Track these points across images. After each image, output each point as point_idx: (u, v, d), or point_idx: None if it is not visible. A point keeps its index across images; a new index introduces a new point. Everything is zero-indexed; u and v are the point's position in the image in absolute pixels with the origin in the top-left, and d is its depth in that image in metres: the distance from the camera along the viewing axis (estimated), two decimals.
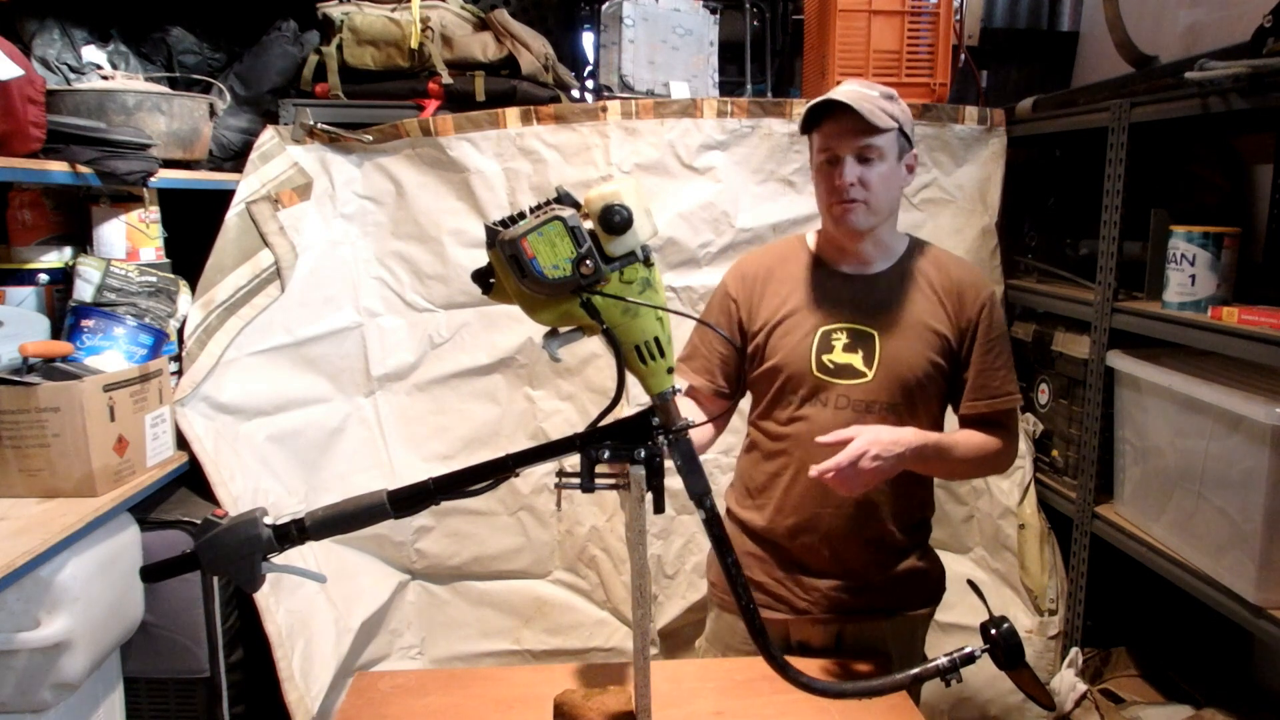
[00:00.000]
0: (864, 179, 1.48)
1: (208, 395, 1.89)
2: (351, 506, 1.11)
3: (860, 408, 1.52)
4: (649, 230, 1.07)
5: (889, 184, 1.51)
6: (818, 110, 1.50)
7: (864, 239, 1.55)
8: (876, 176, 1.49)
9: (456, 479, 1.13)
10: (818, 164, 1.54)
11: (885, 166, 1.50)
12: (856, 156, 1.48)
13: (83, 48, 2.18)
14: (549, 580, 2.40)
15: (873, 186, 1.49)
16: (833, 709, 1.39)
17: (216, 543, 1.07)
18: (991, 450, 1.55)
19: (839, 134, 1.49)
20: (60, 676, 1.46)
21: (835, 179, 1.49)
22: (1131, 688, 2.05)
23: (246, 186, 2.04)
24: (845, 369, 1.53)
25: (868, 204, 1.49)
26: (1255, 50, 1.59)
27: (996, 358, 1.56)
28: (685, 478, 1.13)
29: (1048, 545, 2.19)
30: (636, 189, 1.06)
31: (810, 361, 1.53)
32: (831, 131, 1.50)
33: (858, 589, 1.59)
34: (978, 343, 1.55)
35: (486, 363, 2.29)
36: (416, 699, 1.43)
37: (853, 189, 1.48)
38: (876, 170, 1.49)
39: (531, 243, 1.02)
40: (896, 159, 1.52)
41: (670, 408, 1.12)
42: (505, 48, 2.31)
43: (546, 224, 1.02)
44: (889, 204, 1.53)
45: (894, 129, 1.49)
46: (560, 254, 1.03)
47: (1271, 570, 1.55)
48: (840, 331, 1.54)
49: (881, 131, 1.47)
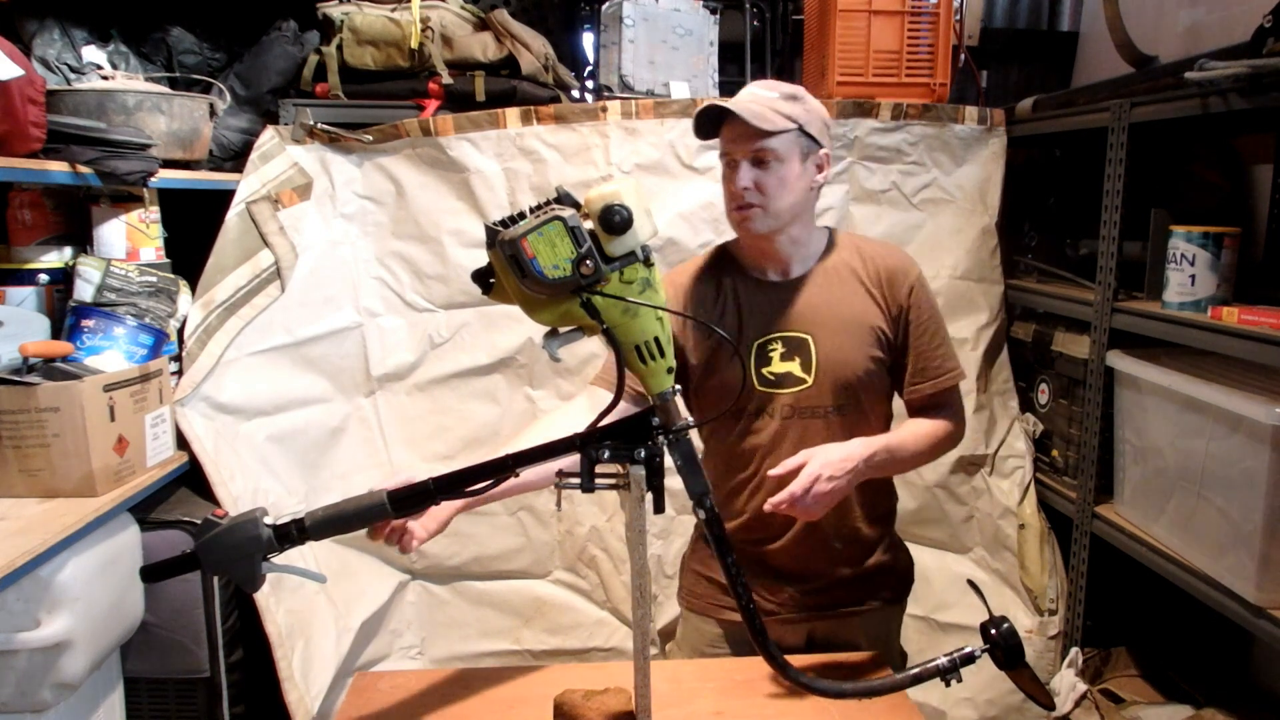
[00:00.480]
0: (760, 183, 1.45)
1: (208, 395, 1.89)
2: (352, 506, 1.11)
3: (807, 414, 1.52)
4: (649, 230, 1.07)
5: (789, 187, 1.47)
6: (709, 117, 1.47)
7: (772, 243, 1.52)
8: (773, 180, 1.45)
9: (457, 479, 1.13)
10: (722, 169, 1.52)
11: (784, 169, 1.46)
12: (751, 160, 1.45)
13: (83, 48, 2.18)
14: (549, 580, 2.39)
15: (769, 190, 1.46)
16: (833, 709, 1.39)
17: (216, 543, 1.07)
18: (942, 434, 1.55)
19: (732, 138, 1.47)
20: (60, 676, 1.46)
21: (731, 184, 1.48)
22: (1131, 688, 2.05)
23: (246, 186, 2.04)
24: (786, 378, 1.52)
25: (764, 208, 1.46)
26: (1255, 50, 1.59)
27: (932, 338, 1.55)
28: (685, 478, 1.14)
29: (1048, 545, 2.19)
30: (636, 189, 1.06)
31: (750, 377, 1.52)
32: (726, 136, 1.48)
33: (826, 588, 1.59)
34: (912, 326, 1.54)
35: (486, 363, 2.29)
36: (416, 699, 1.43)
37: (747, 193, 1.46)
38: (774, 174, 1.45)
39: (532, 243, 1.02)
40: (800, 160, 1.48)
41: (670, 407, 1.12)
42: (505, 48, 2.31)
43: (547, 224, 1.02)
44: (791, 207, 1.49)
45: (790, 130, 1.45)
46: (560, 254, 1.03)
47: (1271, 570, 1.55)
48: (775, 342, 1.53)
49: (773, 134, 1.44)
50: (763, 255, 1.56)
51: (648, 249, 1.07)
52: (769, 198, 1.46)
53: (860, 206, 2.35)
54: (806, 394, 1.51)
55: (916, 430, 1.53)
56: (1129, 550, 1.92)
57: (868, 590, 1.62)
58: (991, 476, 2.32)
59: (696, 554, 1.70)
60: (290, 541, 1.09)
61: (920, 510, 2.37)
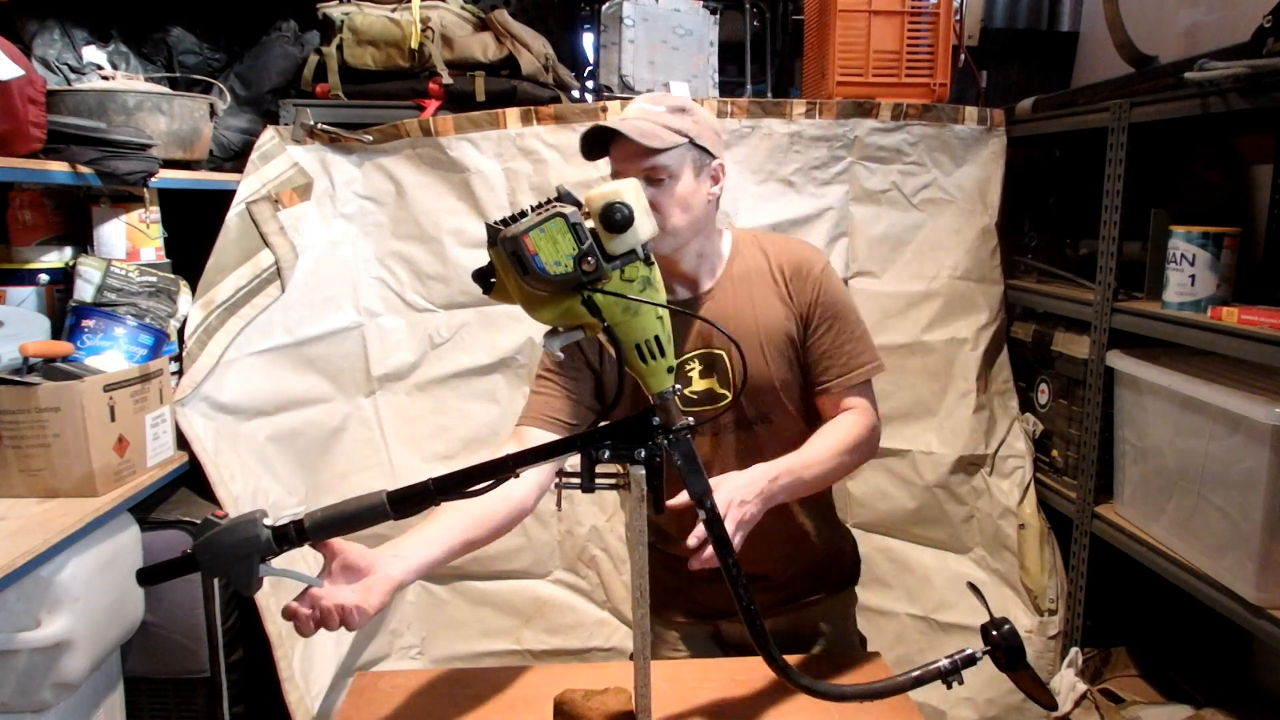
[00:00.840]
0: (655, 202, 1.40)
1: (208, 395, 1.89)
2: (352, 507, 1.10)
3: (733, 428, 1.51)
4: (649, 229, 1.07)
5: (684, 203, 1.43)
6: (595, 136, 1.43)
7: (677, 261, 1.49)
8: (668, 198, 1.42)
9: (456, 479, 1.13)
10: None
11: (678, 185, 1.42)
12: (645, 179, 1.40)
13: (83, 48, 2.19)
14: (549, 580, 2.39)
15: (665, 209, 1.41)
16: (832, 709, 1.39)
17: (214, 544, 1.04)
18: (854, 439, 1.45)
19: (622, 158, 1.42)
20: (60, 676, 1.46)
21: None
22: (1131, 688, 2.05)
23: (247, 186, 2.04)
24: (706, 395, 1.51)
25: (663, 229, 1.39)
26: (1255, 50, 1.59)
27: (840, 332, 1.50)
28: (685, 477, 1.14)
29: (1048, 545, 2.19)
30: (637, 189, 1.06)
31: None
32: (616, 156, 1.43)
33: (776, 586, 1.60)
34: (817, 319, 1.50)
35: (486, 363, 2.29)
36: (416, 699, 1.43)
37: None
38: (667, 191, 1.42)
39: (533, 239, 1.02)
40: (694, 174, 1.44)
41: (670, 407, 1.12)
42: (505, 48, 2.31)
43: (548, 220, 1.02)
44: (691, 223, 1.45)
45: (680, 145, 1.41)
46: (562, 250, 1.02)
47: (1271, 570, 1.55)
48: (691, 360, 1.51)
49: (662, 151, 1.40)
50: (669, 274, 1.50)
51: (648, 248, 1.07)
52: (666, 217, 1.41)
53: (860, 206, 2.35)
54: (730, 409, 1.50)
55: (823, 440, 1.44)
56: (1129, 550, 1.92)
57: (816, 581, 1.63)
58: (991, 476, 2.32)
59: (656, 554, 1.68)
60: (289, 543, 1.07)
61: (920, 510, 2.37)
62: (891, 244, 2.36)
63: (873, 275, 2.38)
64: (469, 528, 1.31)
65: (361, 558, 1.15)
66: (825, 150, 2.30)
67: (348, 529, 1.10)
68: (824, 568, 1.64)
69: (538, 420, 1.48)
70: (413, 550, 1.23)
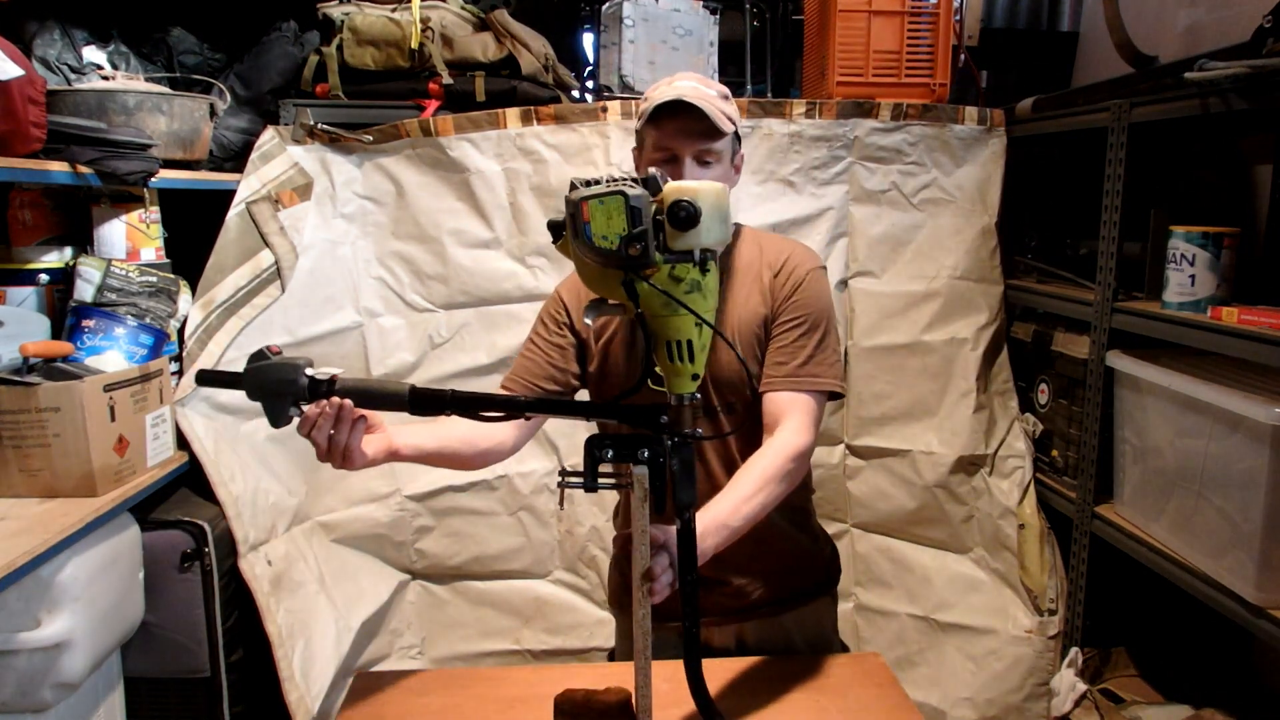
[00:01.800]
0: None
1: (208, 395, 1.89)
2: (378, 387, 1.19)
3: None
4: (717, 236, 1.07)
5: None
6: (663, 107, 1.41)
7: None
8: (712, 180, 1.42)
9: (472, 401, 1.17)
10: (649, 162, 1.46)
11: (720, 170, 1.44)
12: (695, 159, 1.42)
13: (83, 48, 2.18)
14: (549, 580, 2.39)
15: None
16: (832, 709, 1.39)
17: (261, 373, 1.15)
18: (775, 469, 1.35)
19: (681, 134, 1.41)
20: (61, 676, 1.46)
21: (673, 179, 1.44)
22: (1131, 688, 2.05)
23: (247, 186, 2.04)
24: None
25: None
26: (1255, 50, 1.59)
27: (803, 338, 1.45)
28: (677, 484, 1.13)
29: (1047, 545, 2.19)
30: (719, 195, 1.07)
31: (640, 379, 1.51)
32: (672, 130, 1.41)
33: (746, 589, 1.56)
34: (785, 316, 1.46)
35: (486, 363, 2.29)
36: (416, 699, 1.43)
37: None
38: (712, 173, 1.43)
39: (591, 208, 1.04)
40: (730, 162, 1.47)
41: (684, 411, 1.12)
42: (505, 48, 2.31)
43: (610, 195, 1.04)
44: None
45: (731, 132, 1.44)
46: (613, 227, 1.04)
47: (1271, 570, 1.55)
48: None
49: (723, 135, 1.42)
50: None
51: (708, 255, 1.07)
52: None
53: (860, 207, 2.35)
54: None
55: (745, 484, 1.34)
56: (1129, 550, 1.92)
57: (790, 586, 1.59)
58: (991, 476, 2.32)
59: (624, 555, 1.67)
60: (320, 395, 1.17)
61: (920, 510, 2.37)
62: (891, 244, 2.36)
63: (873, 275, 2.38)
64: (460, 442, 1.43)
65: (373, 417, 1.28)
66: (825, 150, 2.30)
67: (369, 404, 1.20)
68: (792, 573, 1.58)
69: (521, 386, 1.52)
70: (412, 434, 1.36)
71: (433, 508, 2.30)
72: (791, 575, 1.59)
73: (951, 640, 2.32)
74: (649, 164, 1.46)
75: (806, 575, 1.62)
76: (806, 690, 1.44)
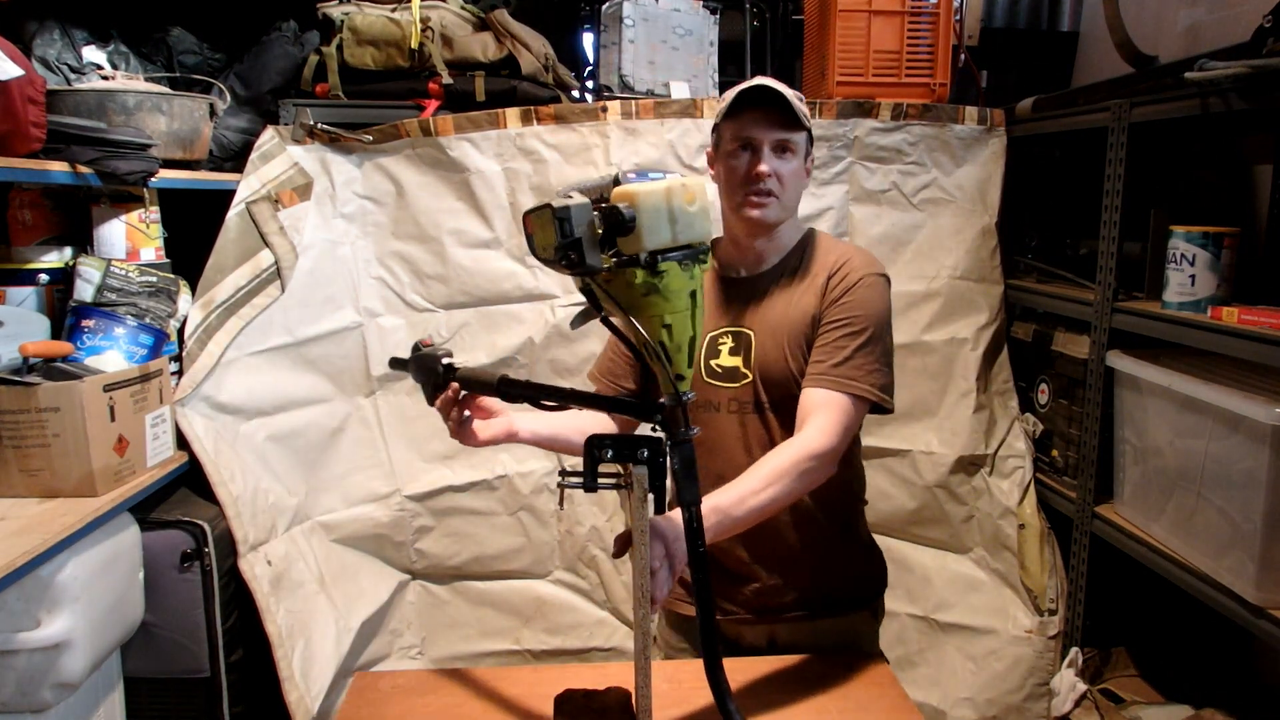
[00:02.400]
0: (779, 172, 1.46)
1: (208, 395, 1.89)
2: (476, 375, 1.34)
3: (746, 409, 1.52)
4: (664, 237, 1.06)
5: (798, 181, 1.50)
6: (744, 97, 1.46)
7: (766, 235, 1.52)
8: (789, 172, 1.48)
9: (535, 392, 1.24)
10: (727, 152, 1.50)
11: (796, 164, 1.49)
12: (774, 148, 1.46)
13: (83, 48, 2.18)
14: (549, 580, 2.39)
15: (786, 181, 1.47)
16: (832, 709, 1.39)
17: (418, 362, 1.38)
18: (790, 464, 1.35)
19: (762, 123, 1.46)
20: (60, 676, 1.46)
21: (752, 167, 1.46)
22: (1131, 688, 2.05)
23: (247, 186, 2.04)
24: (731, 372, 1.53)
25: (779, 198, 1.47)
26: (1255, 50, 1.59)
27: (848, 340, 1.44)
28: (680, 483, 1.13)
29: (1048, 545, 2.19)
30: (665, 194, 1.05)
31: (700, 368, 1.53)
32: (753, 120, 1.46)
33: (783, 588, 1.56)
34: (832, 315, 1.47)
35: (486, 362, 2.29)
36: (416, 699, 1.43)
37: (769, 180, 1.46)
38: (790, 165, 1.48)
39: (532, 221, 1.07)
40: (804, 160, 1.51)
41: (676, 414, 1.11)
42: (505, 48, 2.31)
43: (541, 208, 1.04)
44: (795, 203, 1.52)
45: (807, 131, 1.49)
46: (548, 239, 1.04)
47: (1271, 570, 1.55)
48: (725, 335, 1.53)
49: (801, 129, 1.47)
50: (743, 250, 1.56)
51: (652, 256, 1.05)
52: (785, 189, 1.48)
53: (860, 206, 2.35)
54: (745, 389, 1.52)
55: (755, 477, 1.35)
56: (1129, 550, 1.92)
57: (829, 594, 1.58)
58: (991, 476, 2.32)
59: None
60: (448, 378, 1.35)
61: (920, 510, 2.37)
62: (892, 244, 2.36)
63: None
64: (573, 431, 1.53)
65: (495, 404, 1.42)
66: (825, 150, 2.30)
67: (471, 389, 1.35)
68: (830, 581, 1.58)
69: (603, 383, 1.65)
70: (531, 420, 1.47)
71: (433, 508, 2.30)
72: (829, 583, 1.58)
73: (951, 640, 2.32)
74: (726, 156, 1.51)
75: (846, 586, 1.61)
76: (806, 689, 1.44)
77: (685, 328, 1.09)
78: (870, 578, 1.67)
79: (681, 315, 1.09)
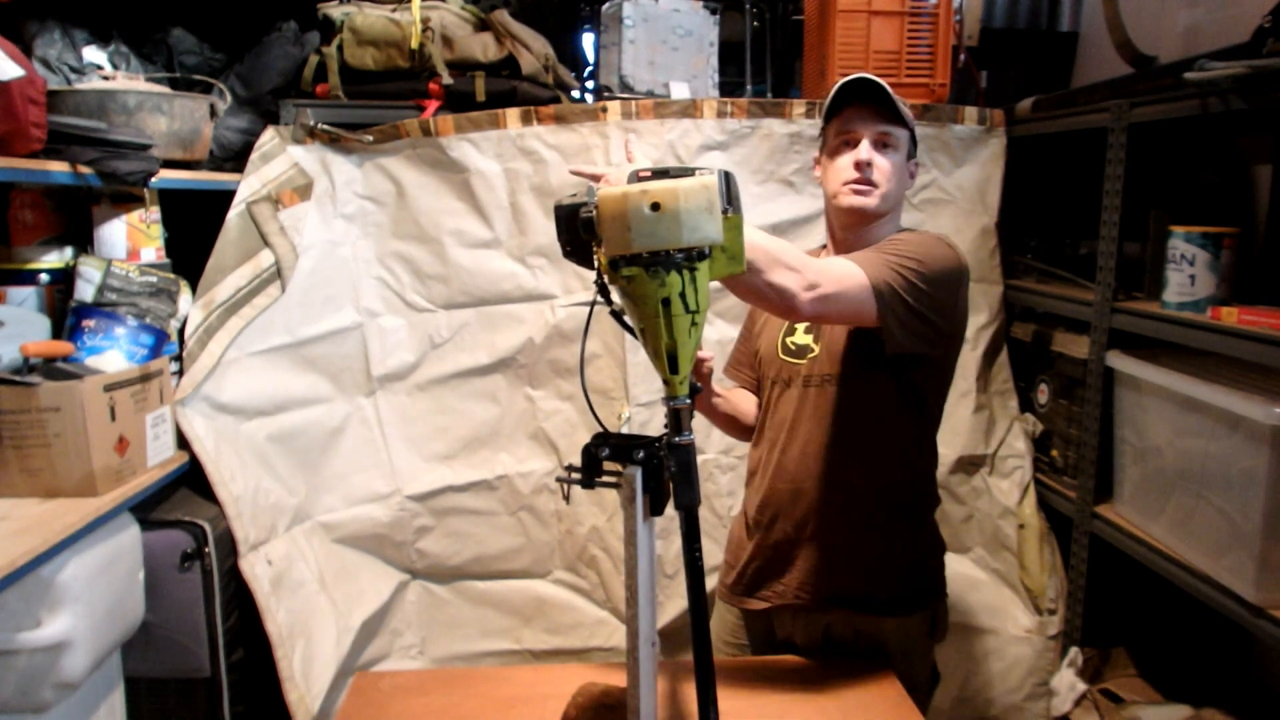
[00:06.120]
0: (879, 164, 1.51)
1: (208, 395, 1.89)
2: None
3: (813, 383, 1.57)
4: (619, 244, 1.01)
5: (900, 177, 1.54)
6: (846, 92, 1.50)
7: (863, 226, 1.55)
8: (891, 165, 1.52)
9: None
10: (833, 147, 1.56)
11: (899, 159, 1.53)
12: (876, 142, 1.51)
13: (84, 48, 2.19)
14: (549, 580, 2.40)
15: (888, 174, 1.51)
16: (832, 709, 1.39)
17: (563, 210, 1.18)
18: (779, 248, 1.29)
19: (864, 117, 1.51)
20: (61, 676, 1.46)
21: (854, 158, 1.51)
22: (1131, 688, 2.05)
23: (247, 187, 2.04)
24: (803, 349, 1.60)
25: (879, 189, 1.51)
26: (1255, 50, 1.59)
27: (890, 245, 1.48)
28: (676, 486, 1.12)
29: (1047, 545, 2.19)
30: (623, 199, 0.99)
31: (777, 345, 1.62)
32: (855, 115, 1.52)
33: (836, 572, 1.57)
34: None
35: (486, 363, 2.29)
36: (416, 699, 1.43)
37: (869, 170, 1.50)
38: (891, 159, 1.52)
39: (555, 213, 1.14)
40: (905, 158, 1.55)
41: (680, 414, 1.09)
42: (505, 48, 2.31)
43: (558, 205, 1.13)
44: (896, 198, 1.55)
45: (910, 129, 1.54)
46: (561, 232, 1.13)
47: (1271, 570, 1.55)
48: None
49: (903, 124, 1.52)
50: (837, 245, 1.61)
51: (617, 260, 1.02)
52: (886, 181, 1.51)
53: None
54: (812, 364, 1.57)
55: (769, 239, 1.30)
56: (1128, 550, 1.92)
57: (881, 587, 1.58)
58: (991, 476, 2.32)
59: (730, 545, 1.75)
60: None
61: None
62: None
63: None
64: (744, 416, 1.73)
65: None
66: None
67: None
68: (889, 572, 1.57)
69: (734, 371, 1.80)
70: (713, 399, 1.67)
71: (433, 508, 2.31)
72: (885, 579, 1.58)
73: (951, 640, 2.31)
74: (830, 154, 1.56)
75: (900, 583, 1.60)
76: (806, 689, 1.44)
77: (659, 335, 1.04)
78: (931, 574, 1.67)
79: (653, 322, 1.04)
